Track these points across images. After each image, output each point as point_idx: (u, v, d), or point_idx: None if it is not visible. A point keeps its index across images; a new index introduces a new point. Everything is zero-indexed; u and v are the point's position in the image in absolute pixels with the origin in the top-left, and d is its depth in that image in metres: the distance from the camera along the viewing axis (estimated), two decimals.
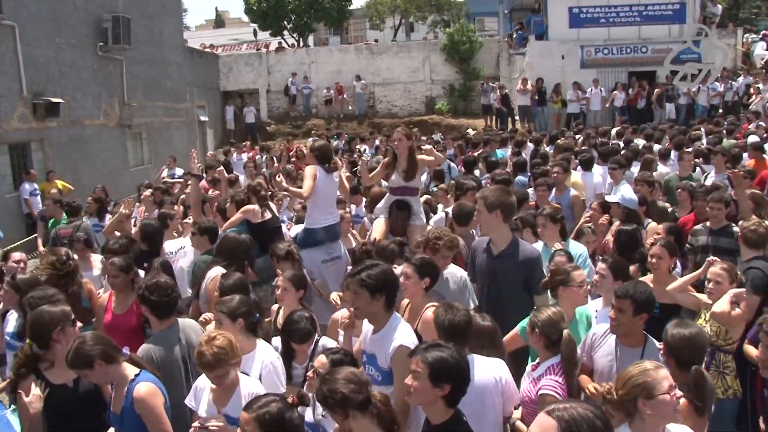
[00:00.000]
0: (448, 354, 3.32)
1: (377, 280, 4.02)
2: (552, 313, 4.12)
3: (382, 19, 40.36)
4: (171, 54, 22.75)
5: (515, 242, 5.24)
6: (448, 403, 3.33)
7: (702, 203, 7.33)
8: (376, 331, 4.18)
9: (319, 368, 3.83)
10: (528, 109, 23.37)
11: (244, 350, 4.24)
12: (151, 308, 4.67)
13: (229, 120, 27.81)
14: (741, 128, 15.33)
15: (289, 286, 5.31)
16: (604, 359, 4.32)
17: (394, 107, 29.42)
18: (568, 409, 2.40)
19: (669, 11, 24.38)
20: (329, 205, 7.27)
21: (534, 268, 5.15)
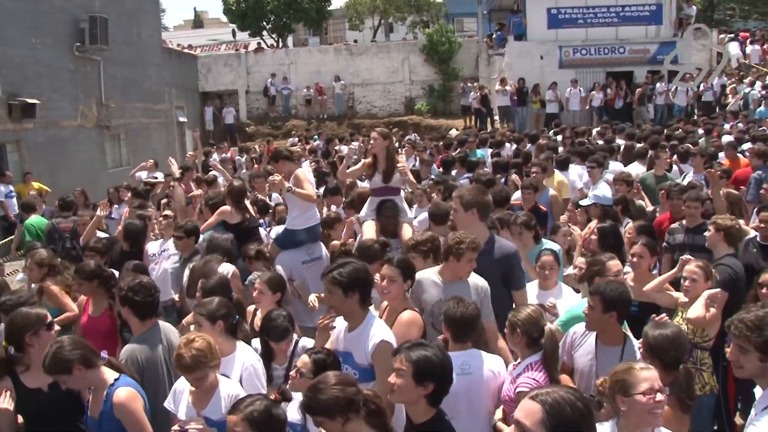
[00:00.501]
0: (432, 353, 3.34)
1: (349, 278, 4.04)
2: (531, 311, 4.15)
3: (361, 19, 40.34)
4: (149, 54, 22.59)
5: (492, 239, 5.26)
6: (430, 403, 3.34)
7: (677, 202, 7.42)
8: (351, 329, 4.19)
9: (302, 368, 3.83)
10: (507, 110, 23.48)
11: (224, 352, 4.22)
12: (133, 309, 4.61)
13: (208, 121, 27.64)
14: (721, 128, 15.48)
15: (266, 289, 5.32)
16: (584, 358, 4.36)
17: (373, 108, 29.43)
18: (550, 393, 2.44)
19: (646, 12, 24.65)
20: (311, 207, 7.29)
21: (512, 264, 5.17)
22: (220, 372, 4.07)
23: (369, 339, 4.06)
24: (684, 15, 25.16)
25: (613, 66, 24.45)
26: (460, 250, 4.71)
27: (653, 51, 24.34)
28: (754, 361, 3.17)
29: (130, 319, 4.69)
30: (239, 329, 4.60)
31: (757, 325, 3.16)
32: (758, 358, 3.15)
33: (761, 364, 3.16)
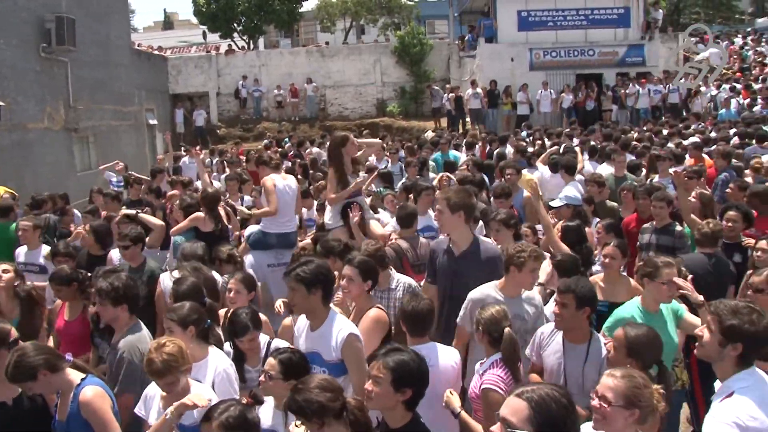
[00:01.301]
0: (409, 358, 3.36)
1: (312, 275, 4.09)
2: (495, 311, 4.18)
3: (332, 21, 40.27)
4: (118, 56, 22.33)
5: (477, 242, 5.27)
6: (407, 407, 3.36)
7: (644, 202, 7.53)
8: (314, 327, 4.22)
9: (270, 370, 3.81)
10: (478, 112, 23.62)
11: (195, 357, 4.19)
12: (130, 305, 4.64)
13: (179, 123, 27.39)
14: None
15: (242, 288, 5.33)
16: (552, 357, 4.40)
17: (345, 110, 29.41)
18: (536, 390, 2.48)
19: (614, 15, 24.98)
20: (285, 213, 7.29)
21: (496, 267, 5.13)
22: (191, 377, 4.04)
23: (336, 334, 4.12)
24: (651, 18, 25.54)
25: (582, 68, 24.73)
26: (521, 260, 4.62)
27: (622, 53, 24.72)
28: (714, 344, 3.22)
29: (120, 318, 4.63)
30: (211, 334, 4.56)
31: (733, 310, 3.21)
32: (719, 341, 3.20)
33: (720, 348, 3.21)
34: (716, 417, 3.13)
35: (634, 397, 3.02)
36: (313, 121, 28.15)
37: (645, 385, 3.07)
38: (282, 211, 7.28)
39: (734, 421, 3.03)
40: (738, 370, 3.22)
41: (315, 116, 28.58)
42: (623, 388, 3.03)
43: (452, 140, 15.19)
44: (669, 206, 6.99)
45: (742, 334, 3.17)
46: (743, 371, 3.22)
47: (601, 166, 10.99)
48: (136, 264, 6.49)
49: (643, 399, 3.03)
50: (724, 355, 3.22)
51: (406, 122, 27.49)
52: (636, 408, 3.01)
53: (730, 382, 3.22)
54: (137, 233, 6.65)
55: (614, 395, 3.03)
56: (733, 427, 3.02)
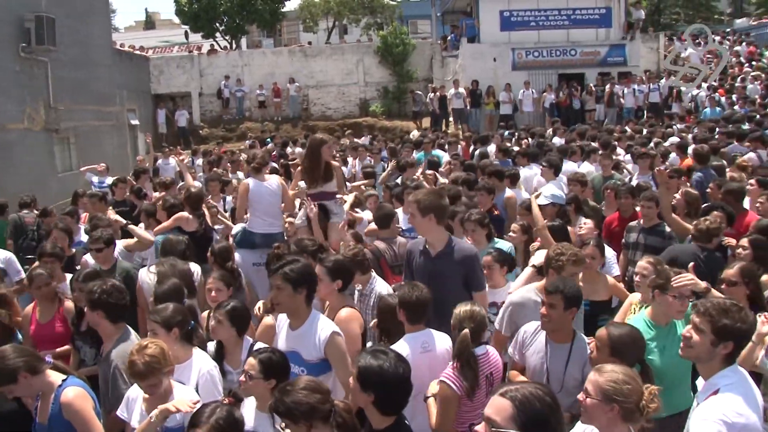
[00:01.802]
0: (378, 363, 3.34)
1: (300, 274, 4.16)
2: (462, 311, 4.22)
3: (315, 21, 40.25)
4: (99, 56, 22.13)
5: (451, 242, 5.23)
6: (380, 411, 3.36)
7: (626, 201, 7.60)
8: (295, 327, 4.26)
9: (250, 370, 3.81)
10: (461, 112, 23.69)
11: (179, 359, 4.19)
12: (107, 312, 4.55)
13: (161, 124, 27.19)
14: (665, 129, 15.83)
15: (221, 286, 5.37)
16: (535, 356, 4.42)
17: (328, 110, 29.36)
18: (519, 389, 2.49)
19: (596, 15, 25.18)
20: (267, 214, 7.32)
21: (472, 266, 5.15)
22: (175, 379, 4.02)
23: (318, 333, 4.17)
24: (634, 20, 25.76)
25: (565, 68, 24.89)
26: (559, 263, 4.58)
27: (603, 53, 24.91)
28: (705, 344, 3.25)
29: (101, 324, 4.61)
30: (195, 335, 4.55)
31: (723, 309, 3.25)
32: (711, 341, 3.23)
33: (711, 347, 3.24)
34: (703, 414, 3.16)
35: (612, 392, 3.02)
36: (296, 121, 28.07)
37: (626, 382, 3.05)
38: (262, 211, 7.30)
39: (721, 418, 3.07)
40: (723, 367, 3.26)
41: (298, 116, 28.50)
42: (601, 382, 3.06)
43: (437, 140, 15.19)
44: (657, 206, 7.05)
45: (733, 333, 3.22)
46: (727, 368, 3.26)
47: (582, 164, 11.06)
48: (108, 266, 6.44)
49: (621, 395, 3.02)
50: (714, 355, 3.26)
51: (389, 122, 27.49)
52: (614, 404, 3.01)
53: (714, 379, 3.26)
54: (109, 236, 6.60)
55: (593, 389, 3.07)
56: (719, 423, 3.05)
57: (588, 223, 6.92)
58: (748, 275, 4.90)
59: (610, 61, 24.87)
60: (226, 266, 6.32)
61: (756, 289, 4.95)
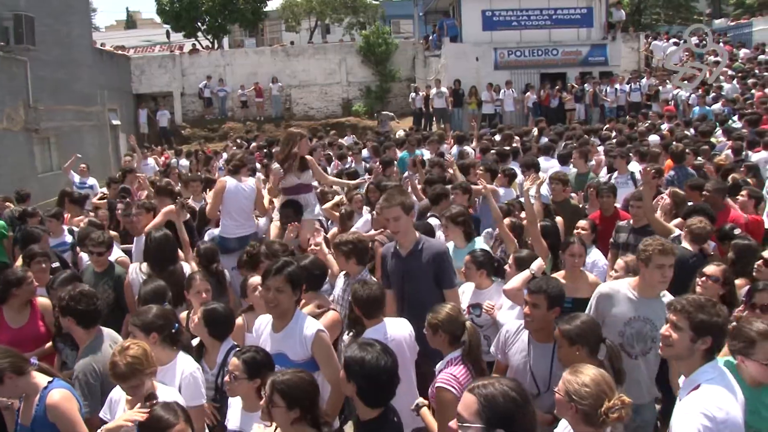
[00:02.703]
0: (361, 355, 3.41)
1: (299, 277, 4.23)
2: (449, 309, 4.23)
3: (297, 20, 40.10)
4: (79, 55, 21.96)
5: (420, 241, 5.24)
6: (365, 402, 3.42)
7: (607, 200, 7.65)
8: (279, 328, 4.26)
9: (234, 371, 3.81)
10: (444, 111, 23.75)
11: (161, 362, 4.16)
12: (76, 319, 4.50)
13: (143, 124, 27.01)
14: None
15: (210, 286, 5.34)
16: (518, 356, 4.43)
17: (311, 109, 29.32)
18: (486, 385, 2.55)
19: (577, 15, 25.33)
20: (241, 216, 7.31)
21: (442, 263, 5.15)
22: (158, 381, 4.01)
23: (303, 332, 4.18)
24: (615, 20, 25.95)
25: (546, 67, 25.02)
26: (646, 254, 4.48)
27: (585, 53, 25.08)
28: (685, 340, 3.30)
29: (73, 330, 4.58)
30: (179, 339, 4.49)
31: (700, 305, 3.30)
32: (690, 337, 3.28)
33: (691, 344, 3.29)
34: (685, 409, 3.21)
35: (571, 392, 3.06)
36: (279, 121, 27.98)
37: (586, 385, 3.05)
38: (237, 213, 7.32)
39: (703, 413, 3.11)
40: (703, 363, 3.31)
41: (280, 116, 28.43)
42: (565, 380, 3.12)
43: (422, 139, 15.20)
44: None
45: (711, 328, 3.27)
46: (707, 364, 3.31)
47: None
48: (102, 269, 6.39)
49: (578, 396, 3.03)
50: (694, 351, 3.30)
51: (372, 122, 27.47)
52: (573, 403, 3.04)
53: (695, 375, 3.30)
54: (109, 238, 6.56)
55: (560, 386, 3.14)
56: (702, 418, 3.10)
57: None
58: (727, 277, 5.05)
59: (591, 60, 25.06)
60: (210, 268, 6.30)
61: (732, 288, 5.08)
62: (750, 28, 30.28)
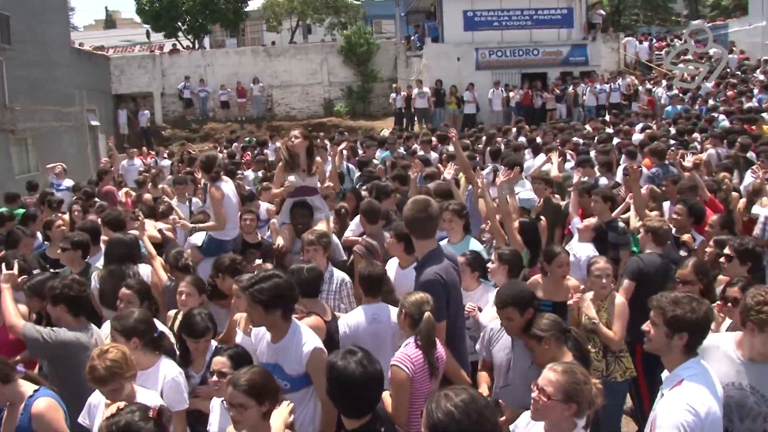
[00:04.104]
0: (342, 363, 3.39)
1: (270, 295, 3.98)
2: (419, 296, 4.24)
3: (279, 21, 39.92)
4: (57, 55, 21.71)
5: (421, 260, 4.67)
6: (337, 408, 3.48)
7: (585, 199, 7.70)
8: (275, 340, 4.15)
9: (222, 368, 3.77)
10: (426, 111, 23.79)
11: (143, 366, 4.12)
12: (68, 305, 4.53)
13: (122, 124, 26.76)
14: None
15: (193, 291, 5.30)
16: (501, 353, 4.45)
17: (292, 110, 29.24)
18: (438, 407, 2.63)
19: (558, 16, 25.53)
20: (234, 218, 7.32)
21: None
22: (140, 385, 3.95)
23: (300, 347, 4.07)
24: (594, 21, 26.17)
25: (527, 67, 25.18)
26: (761, 315, 3.54)
27: (565, 53, 25.27)
28: (661, 336, 3.35)
29: (63, 318, 4.56)
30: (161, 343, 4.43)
31: (674, 302, 3.34)
32: (665, 333, 3.33)
33: (667, 339, 3.34)
34: (669, 404, 3.24)
35: (573, 392, 3.15)
36: (261, 122, 27.89)
37: (585, 381, 3.20)
38: (233, 215, 7.28)
39: (686, 409, 3.15)
40: (685, 359, 3.35)
41: (262, 117, 28.34)
42: (563, 382, 3.16)
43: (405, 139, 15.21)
44: (606, 201, 7.16)
45: (686, 323, 3.30)
46: (690, 360, 3.35)
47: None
48: (77, 270, 6.29)
49: (581, 395, 3.16)
50: (672, 346, 3.34)
51: (353, 122, 27.48)
52: (574, 403, 3.14)
53: (678, 370, 3.35)
54: (80, 239, 6.48)
55: (554, 389, 3.16)
56: (686, 413, 3.14)
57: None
58: (700, 272, 5.11)
59: (572, 60, 25.25)
60: (179, 266, 6.26)
61: (709, 284, 5.14)
62: (725, 30, 30.63)
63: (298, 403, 4.02)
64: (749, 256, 5.18)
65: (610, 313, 5.25)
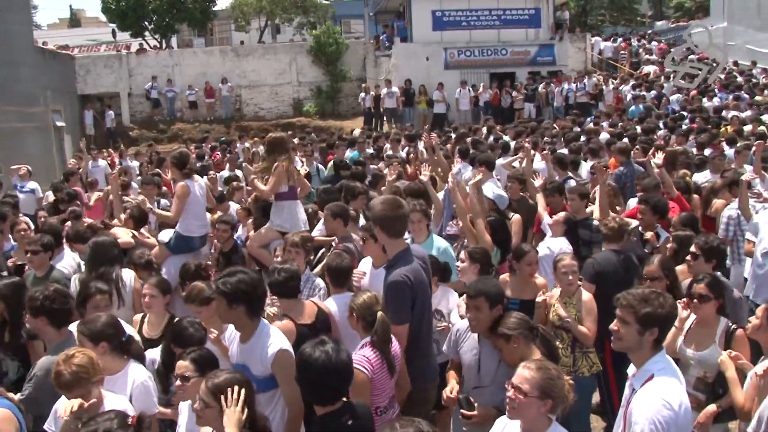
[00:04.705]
0: (309, 352, 3.47)
1: (234, 289, 4.00)
2: (367, 297, 4.29)
3: (247, 20, 39.63)
4: (20, 54, 21.27)
5: (390, 262, 4.62)
6: (305, 394, 3.57)
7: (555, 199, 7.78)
8: (244, 340, 4.17)
9: (185, 372, 3.76)
10: (395, 111, 23.84)
11: (111, 371, 4.08)
12: (51, 318, 4.43)
13: (89, 125, 26.29)
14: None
15: (157, 293, 5.24)
16: (469, 354, 4.48)
17: (261, 110, 29.10)
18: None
19: (525, 16, 25.76)
20: (202, 215, 7.32)
21: (388, 296, 4.45)
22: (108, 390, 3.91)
23: (265, 348, 4.06)
24: (561, 19, 26.46)
25: (496, 67, 25.37)
26: None
27: (533, 53, 25.51)
28: (633, 333, 3.40)
29: (45, 330, 4.48)
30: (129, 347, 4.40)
31: (643, 298, 3.40)
32: (637, 330, 3.38)
33: (639, 336, 3.39)
34: (644, 401, 3.29)
35: (548, 388, 3.20)
36: (229, 122, 27.70)
37: (558, 377, 3.26)
38: (200, 213, 7.32)
39: (662, 404, 3.22)
40: (653, 353, 3.41)
41: (231, 117, 28.14)
42: (538, 379, 3.21)
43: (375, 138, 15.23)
44: (582, 199, 7.25)
45: (656, 319, 3.37)
46: (657, 354, 3.42)
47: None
48: (42, 272, 6.24)
49: (556, 390, 3.22)
50: (643, 343, 3.40)
51: (322, 122, 27.42)
52: (549, 399, 3.20)
53: (648, 365, 3.40)
54: (49, 241, 6.40)
55: (530, 386, 3.21)
56: (661, 408, 3.21)
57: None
58: (666, 268, 5.25)
59: (539, 60, 25.52)
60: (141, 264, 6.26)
61: (674, 280, 5.27)
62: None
63: (265, 405, 4.05)
64: (714, 253, 5.35)
65: (578, 309, 5.33)
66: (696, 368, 4.58)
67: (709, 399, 4.46)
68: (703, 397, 4.51)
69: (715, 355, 4.43)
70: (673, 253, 5.83)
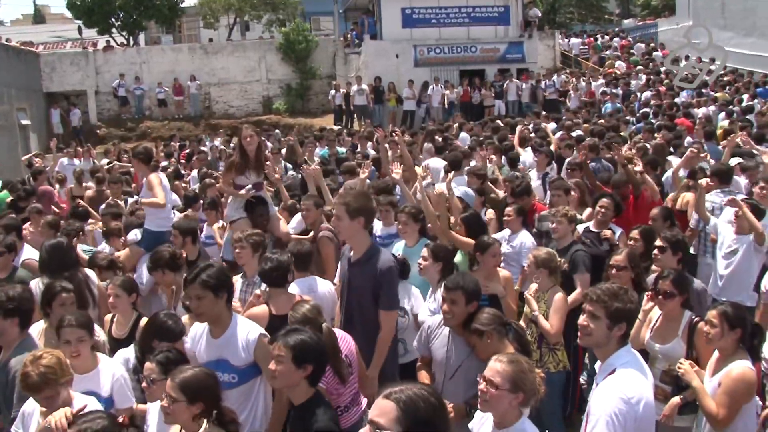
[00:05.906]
0: (308, 336, 3.57)
1: (217, 279, 4.09)
2: (306, 310, 4.26)
3: (216, 17, 39.30)
4: None
5: (371, 251, 4.78)
6: (310, 383, 3.55)
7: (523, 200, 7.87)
8: (217, 334, 4.18)
9: (150, 374, 3.76)
10: (365, 108, 23.85)
11: (87, 368, 4.10)
12: (21, 319, 4.41)
13: (56, 124, 25.81)
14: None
15: (121, 292, 5.21)
16: (440, 350, 4.51)
17: (230, 108, 28.91)
18: (404, 390, 2.47)
19: (495, 13, 25.89)
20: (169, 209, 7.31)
21: (384, 281, 4.67)
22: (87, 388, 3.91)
23: (246, 336, 4.14)
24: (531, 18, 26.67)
25: (466, 64, 25.45)
26: None
27: (503, 50, 25.65)
28: (602, 329, 3.43)
29: (10, 332, 4.38)
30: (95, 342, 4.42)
31: (612, 294, 3.45)
32: (606, 325, 3.42)
33: (608, 331, 3.43)
34: (603, 393, 3.34)
35: (519, 381, 3.26)
36: (198, 120, 27.50)
37: (530, 370, 3.32)
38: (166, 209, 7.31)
39: (620, 396, 3.26)
40: (618, 348, 3.46)
41: (200, 114, 27.93)
42: (510, 372, 3.26)
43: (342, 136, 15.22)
44: (567, 195, 7.37)
45: (625, 314, 3.44)
46: (622, 349, 3.46)
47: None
48: (5, 274, 6.16)
49: (527, 383, 3.28)
50: (610, 338, 3.44)
51: (292, 119, 27.34)
52: (521, 391, 3.25)
53: (611, 360, 3.45)
54: (12, 241, 6.33)
55: (501, 379, 3.26)
56: (619, 401, 3.24)
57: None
58: (633, 260, 5.35)
59: (509, 57, 25.65)
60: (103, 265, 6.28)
61: (640, 273, 5.37)
62: (655, 29, 31.70)
63: (246, 397, 4.12)
64: (680, 246, 5.48)
65: (548, 305, 5.40)
66: (662, 361, 4.66)
67: (675, 391, 4.53)
68: (669, 389, 4.57)
69: (678, 349, 4.54)
70: (643, 251, 5.91)
